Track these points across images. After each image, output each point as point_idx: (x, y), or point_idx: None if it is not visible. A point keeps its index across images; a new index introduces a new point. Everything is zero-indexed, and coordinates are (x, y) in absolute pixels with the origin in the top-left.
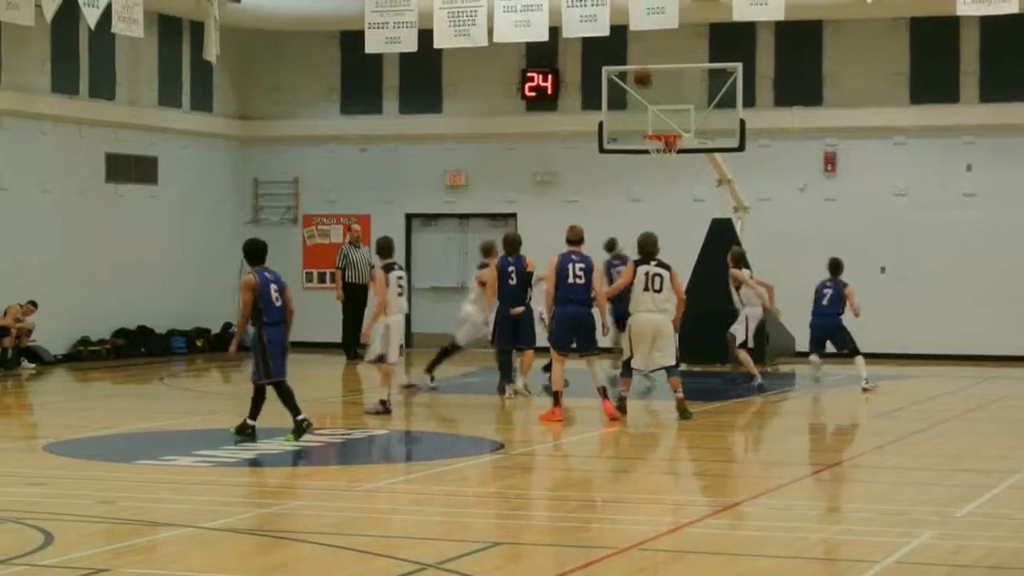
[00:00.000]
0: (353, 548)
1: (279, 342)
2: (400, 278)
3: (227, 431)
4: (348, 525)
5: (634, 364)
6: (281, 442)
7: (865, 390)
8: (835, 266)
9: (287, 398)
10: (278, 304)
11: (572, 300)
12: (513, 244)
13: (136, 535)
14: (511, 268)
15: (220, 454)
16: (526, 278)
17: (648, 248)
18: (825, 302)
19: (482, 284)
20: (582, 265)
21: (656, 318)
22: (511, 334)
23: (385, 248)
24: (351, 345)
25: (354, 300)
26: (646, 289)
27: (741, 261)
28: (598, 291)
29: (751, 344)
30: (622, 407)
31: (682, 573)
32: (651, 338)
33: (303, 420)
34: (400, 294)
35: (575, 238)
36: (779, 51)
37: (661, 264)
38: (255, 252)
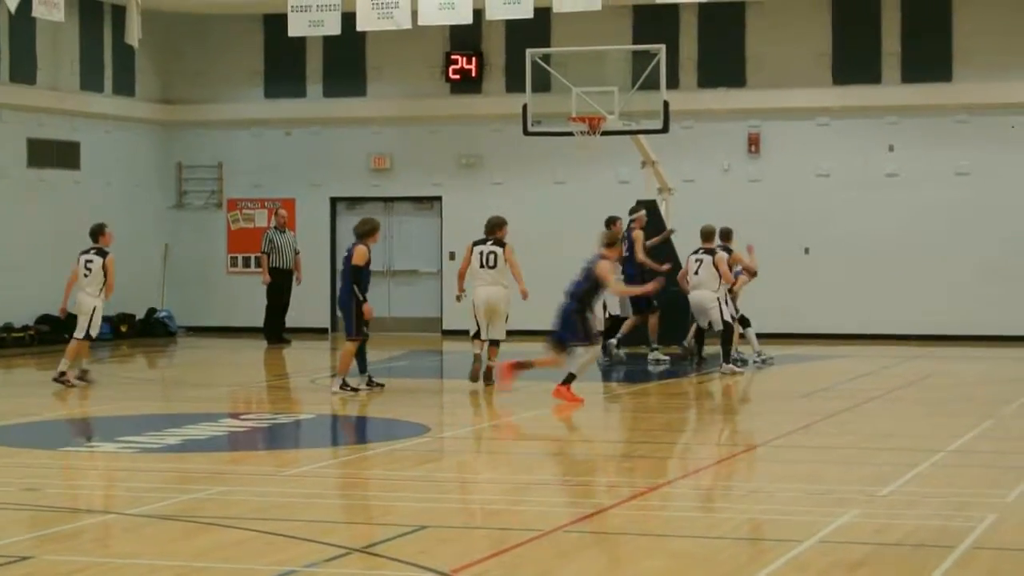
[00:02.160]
0: (280, 533)
1: None
2: (89, 262)
3: (152, 416)
4: (275, 510)
5: (479, 335)
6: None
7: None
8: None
9: None
10: None
11: None
12: (358, 227)
13: (60, 522)
14: (346, 254)
15: (145, 440)
16: (349, 269)
17: (487, 229)
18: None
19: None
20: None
21: (490, 291)
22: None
23: (91, 233)
24: (273, 330)
25: (278, 285)
26: (481, 266)
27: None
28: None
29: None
30: (488, 374)
31: (606, 554)
32: (485, 310)
33: None
34: (85, 275)
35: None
36: (702, 32)
37: (497, 243)
38: None
